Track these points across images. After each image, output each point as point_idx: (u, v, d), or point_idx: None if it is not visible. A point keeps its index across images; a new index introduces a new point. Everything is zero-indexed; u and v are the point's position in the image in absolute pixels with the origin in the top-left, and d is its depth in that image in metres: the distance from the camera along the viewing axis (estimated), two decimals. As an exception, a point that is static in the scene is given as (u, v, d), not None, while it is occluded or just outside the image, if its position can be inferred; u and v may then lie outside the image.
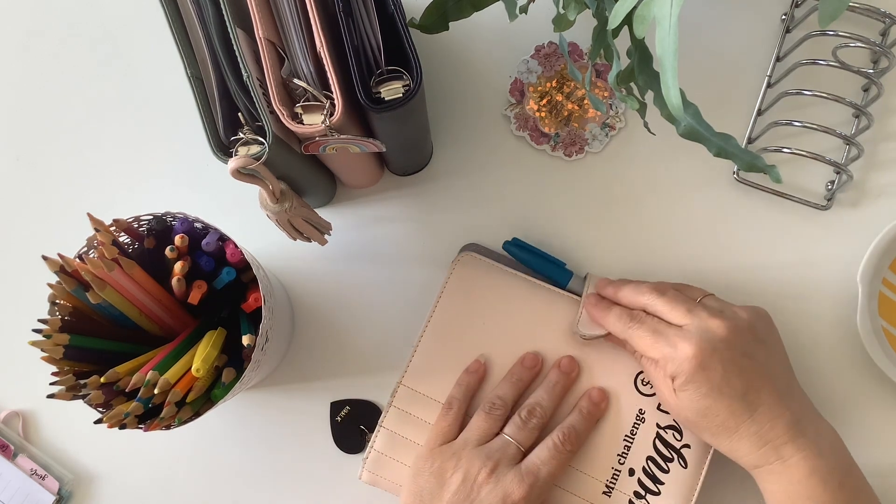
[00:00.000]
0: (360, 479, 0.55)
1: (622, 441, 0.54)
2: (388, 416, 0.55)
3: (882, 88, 0.56)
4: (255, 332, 0.47)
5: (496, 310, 0.56)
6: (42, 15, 0.63)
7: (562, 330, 0.55)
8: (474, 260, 0.56)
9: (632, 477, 0.53)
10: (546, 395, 0.53)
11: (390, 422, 0.55)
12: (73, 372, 0.48)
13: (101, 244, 0.46)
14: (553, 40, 0.60)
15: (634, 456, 0.54)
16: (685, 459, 0.53)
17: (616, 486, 0.53)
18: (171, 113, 0.61)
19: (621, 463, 0.53)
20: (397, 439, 0.55)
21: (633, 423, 0.54)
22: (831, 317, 0.57)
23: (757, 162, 0.42)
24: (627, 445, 0.54)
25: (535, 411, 0.53)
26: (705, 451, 0.53)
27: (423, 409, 0.55)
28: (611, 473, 0.53)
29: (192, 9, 0.42)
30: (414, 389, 0.55)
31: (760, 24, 0.60)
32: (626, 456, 0.54)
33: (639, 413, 0.54)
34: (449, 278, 0.56)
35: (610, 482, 0.53)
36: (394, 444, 0.55)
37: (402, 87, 0.42)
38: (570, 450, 0.52)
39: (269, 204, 0.45)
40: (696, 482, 0.53)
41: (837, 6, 0.37)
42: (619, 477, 0.53)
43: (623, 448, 0.54)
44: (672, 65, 0.37)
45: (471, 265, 0.56)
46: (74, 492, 0.59)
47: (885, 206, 0.58)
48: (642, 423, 0.54)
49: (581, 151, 0.59)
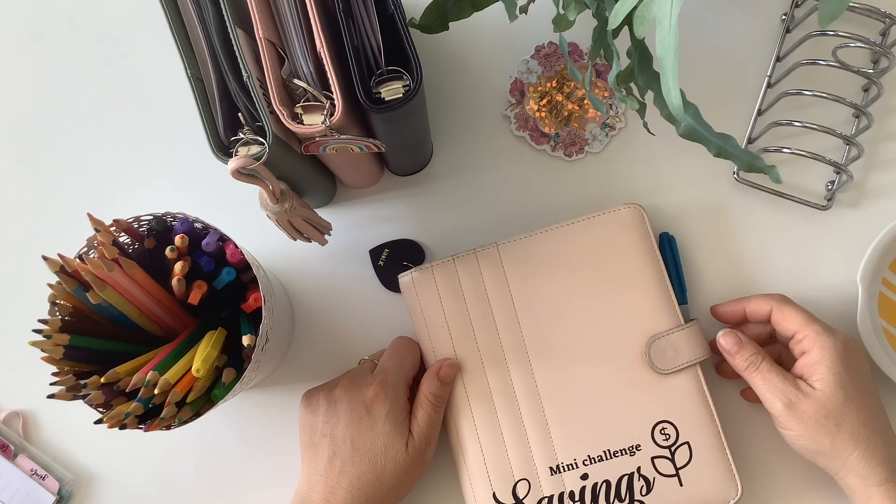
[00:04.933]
0: (400, 280, 0.56)
1: (600, 448, 0.53)
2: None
3: (882, 88, 0.56)
4: (255, 332, 0.47)
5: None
6: (42, 15, 0.63)
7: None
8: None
9: (583, 480, 0.53)
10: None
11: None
12: (74, 372, 0.48)
13: (101, 244, 0.46)
14: (553, 40, 0.60)
15: (598, 468, 0.53)
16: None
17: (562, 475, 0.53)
18: (171, 113, 0.61)
19: (585, 464, 0.53)
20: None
21: (623, 449, 0.53)
22: (831, 317, 0.57)
23: (757, 162, 0.42)
24: (601, 457, 0.53)
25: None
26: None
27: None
28: (572, 459, 0.53)
29: (192, 9, 0.41)
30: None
31: (760, 24, 0.60)
32: (593, 461, 0.53)
33: (635, 447, 0.53)
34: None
35: (562, 466, 0.53)
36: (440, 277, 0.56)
37: (402, 88, 0.42)
38: (407, 345, 0.55)
39: (269, 204, 0.45)
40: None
41: (837, 6, 0.37)
42: (570, 470, 0.53)
43: (598, 454, 0.53)
44: (672, 65, 0.37)
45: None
46: (74, 492, 0.59)
47: (885, 206, 0.58)
48: (628, 456, 0.53)
49: (581, 151, 0.59)
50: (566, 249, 0.55)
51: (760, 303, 0.53)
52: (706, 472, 0.53)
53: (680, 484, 0.52)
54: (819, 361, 0.49)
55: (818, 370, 0.49)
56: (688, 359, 0.53)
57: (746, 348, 0.51)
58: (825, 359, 0.49)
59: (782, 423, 0.50)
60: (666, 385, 0.53)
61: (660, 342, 0.53)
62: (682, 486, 0.52)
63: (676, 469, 0.53)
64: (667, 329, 0.54)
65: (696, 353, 0.53)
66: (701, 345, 0.54)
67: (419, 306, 0.56)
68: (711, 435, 0.53)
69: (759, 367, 0.51)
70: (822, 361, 0.49)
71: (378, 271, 0.59)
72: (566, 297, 0.54)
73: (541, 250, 0.55)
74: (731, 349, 0.52)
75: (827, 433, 0.48)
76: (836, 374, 0.49)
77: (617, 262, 0.55)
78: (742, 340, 0.52)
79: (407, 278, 0.56)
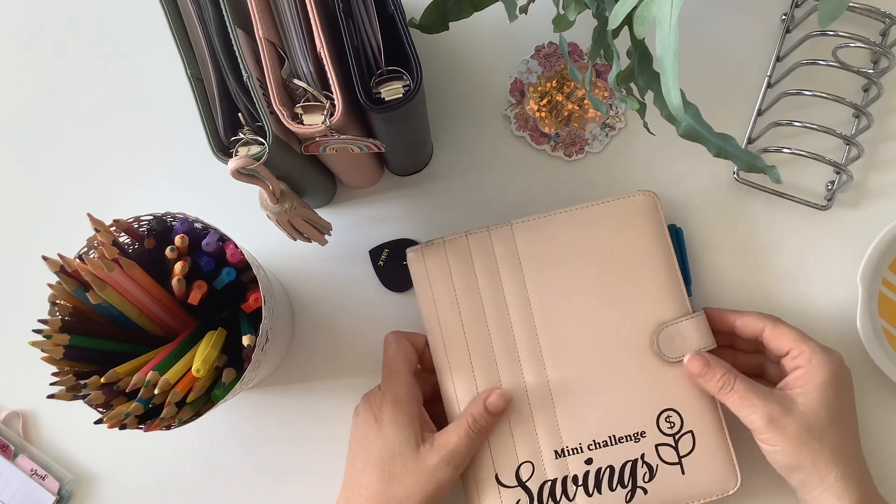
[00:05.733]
0: (408, 254, 0.55)
1: (606, 434, 0.53)
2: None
3: (882, 88, 0.56)
4: (255, 332, 0.47)
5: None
6: (42, 15, 0.63)
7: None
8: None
9: (587, 465, 0.53)
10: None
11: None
12: (74, 372, 0.48)
13: (101, 244, 0.46)
14: (553, 40, 0.60)
15: (603, 453, 0.53)
16: (633, 494, 0.52)
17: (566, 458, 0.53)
18: (171, 113, 0.61)
19: (590, 448, 0.53)
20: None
21: (628, 435, 0.53)
22: (831, 317, 0.57)
23: (757, 162, 0.42)
24: (606, 443, 0.53)
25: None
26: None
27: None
28: (578, 443, 0.53)
29: (192, 9, 0.41)
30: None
31: (760, 24, 0.60)
32: (598, 446, 0.53)
33: (640, 433, 0.53)
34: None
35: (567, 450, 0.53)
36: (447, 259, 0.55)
37: (402, 88, 0.42)
38: (392, 344, 0.53)
39: (269, 204, 0.45)
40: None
41: (837, 6, 0.37)
42: (575, 454, 0.53)
43: (603, 439, 0.53)
44: (672, 65, 0.37)
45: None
46: (74, 492, 0.59)
47: (885, 206, 0.58)
48: (633, 442, 0.53)
49: (581, 151, 0.59)
50: (580, 234, 0.55)
51: (753, 320, 0.52)
52: (708, 461, 0.53)
53: (682, 472, 0.53)
54: (811, 377, 0.49)
55: (809, 385, 0.49)
56: (695, 347, 0.53)
57: (716, 370, 0.50)
58: (818, 375, 0.49)
59: (763, 438, 0.49)
60: (672, 373, 0.53)
61: (668, 330, 0.53)
62: (683, 475, 0.53)
63: (679, 457, 0.53)
64: (675, 317, 0.54)
65: (703, 341, 0.53)
66: (708, 334, 0.53)
67: (428, 282, 0.55)
68: (714, 423, 0.53)
69: (734, 388, 0.50)
70: (815, 377, 0.49)
71: (378, 271, 0.59)
72: (578, 280, 0.54)
73: (554, 232, 0.55)
74: (700, 371, 0.51)
75: (809, 450, 0.48)
76: (825, 391, 0.48)
77: (629, 249, 0.54)
78: (710, 362, 0.51)
79: (416, 252, 0.55)
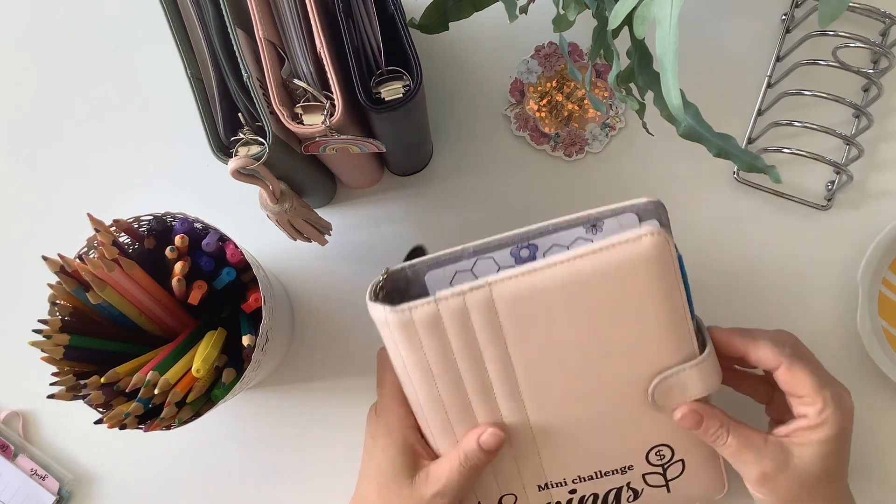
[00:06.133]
0: (371, 311, 0.45)
1: (592, 470, 0.50)
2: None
3: (882, 88, 0.56)
4: (255, 332, 0.47)
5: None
6: (42, 15, 0.63)
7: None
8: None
9: (571, 494, 0.51)
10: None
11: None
12: (74, 372, 0.48)
13: (101, 244, 0.46)
14: (553, 40, 0.60)
15: (588, 485, 0.51)
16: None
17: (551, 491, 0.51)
18: (171, 113, 0.61)
19: (575, 482, 0.50)
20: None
21: (615, 469, 0.50)
22: (831, 317, 0.57)
23: (757, 162, 0.42)
24: (591, 477, 0.50)
25: None
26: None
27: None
28: (562, 479, 0.50)
29: (192, 9, 0.41)
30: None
31: (760, 24, 0.60)
32: (583, 480, 0.50)
33: (628, 467, 0.50)
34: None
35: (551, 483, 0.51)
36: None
37: (402, 88, 0.42)
38: (380, 364, 0.50)
39: (269, 204, 0.45)
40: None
41: (837, 6, 0.37)
42: (559, 486, 0.51)
43: (588, 475, 0.50)
44: (672, 65, 0.37)
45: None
46: (74, 492, 0.59)
47: (885, 206, 0.58)
48: (620, 475, 0.50)
49: (581, 151, 0.59)
50: (573, 290, 0.43)
51: (768, 356, 0.48)
52: (697, 478, 0.51)
53: (668, 491, 0.52)
54: (817, 432, 0.47)
55: (811, 437, 0.47)
56: (696, 395, 0.46)
57: (710, 423, 0.48)
58: (824, 431, 0.46)
59: (754, 489, 0.48)
60: (666, 413, 0.48)
61: (669, 381, 0.46)
62: (669, 493, 0.51)
63: (666, 481, 0.51)
64: (679, 361, 0.46)
65: (707, 388, 0.46)
66: (713, 375, 0.46)
67: (397, 350, 0.45)
68: (707, 450, 0.50)
69: (727, 444, 0.47)
70: (820, 433, 0.47)
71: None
72: (569, 341, 0.45)
73: (542, 290, 0.43)
74: (692, 426, 0.48)
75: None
76: (826, 446, 0.46)
77: (631, 300, 0.44)
78: (703, 417, 0.47)
79: (380, 314, 0.44)
